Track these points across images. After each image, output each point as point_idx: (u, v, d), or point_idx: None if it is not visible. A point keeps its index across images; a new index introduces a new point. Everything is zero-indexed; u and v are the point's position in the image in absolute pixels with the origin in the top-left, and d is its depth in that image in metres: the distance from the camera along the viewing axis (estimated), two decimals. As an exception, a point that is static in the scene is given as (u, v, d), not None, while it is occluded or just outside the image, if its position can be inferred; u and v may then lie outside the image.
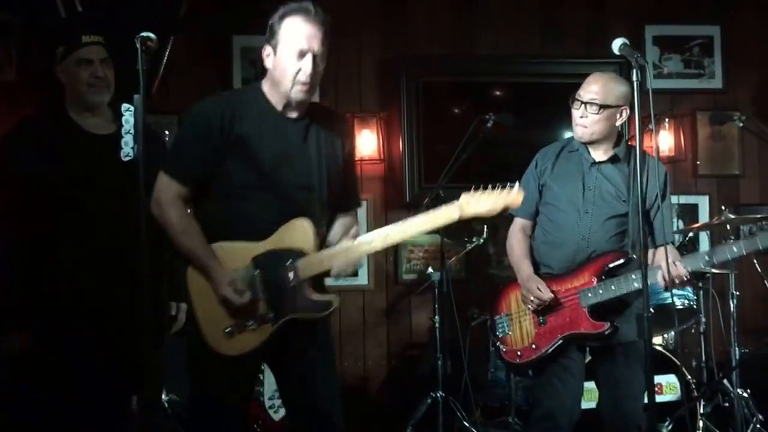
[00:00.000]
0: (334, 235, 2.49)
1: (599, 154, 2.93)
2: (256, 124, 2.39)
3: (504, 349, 3.00)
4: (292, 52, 2.32)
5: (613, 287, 2.78)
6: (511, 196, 2.39)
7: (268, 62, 2.39)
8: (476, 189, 2.38)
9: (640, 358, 2.87)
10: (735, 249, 2.69)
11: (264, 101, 2.42)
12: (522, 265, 2.99)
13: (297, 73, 2.32)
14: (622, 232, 2.88)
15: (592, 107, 2.83)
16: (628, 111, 2.89)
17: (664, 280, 2.70)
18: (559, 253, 2.92)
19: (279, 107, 2.41)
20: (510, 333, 2.99)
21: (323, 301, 2.41)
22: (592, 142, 2.92)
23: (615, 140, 2.95)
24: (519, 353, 2.94)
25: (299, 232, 2.38)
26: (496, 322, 3.04)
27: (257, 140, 2.38)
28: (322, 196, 2.46)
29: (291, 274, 2.36)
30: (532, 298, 2.87)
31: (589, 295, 2.81)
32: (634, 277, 2.74)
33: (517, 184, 2.43)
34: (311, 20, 2.33)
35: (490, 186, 2.39)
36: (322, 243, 2.43)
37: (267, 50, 2.39)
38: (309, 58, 2.32)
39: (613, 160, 2.93)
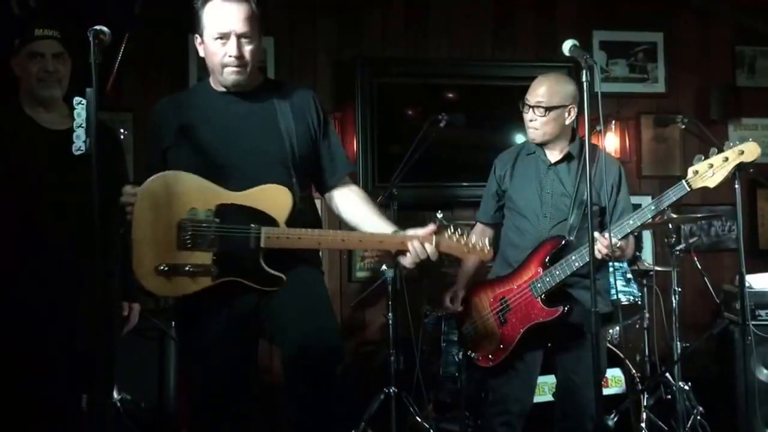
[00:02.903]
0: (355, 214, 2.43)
1: (555, 154, 3.01)
2: (202, 109, 2.35)
3: (477, 357, 3.04)
4: (214, 37, 2.28)
5: (557, 272, 2.86)
6: (484, 253, 2.38)
7: (201, 51, 2.36)
8: (453, 233, 2.33)
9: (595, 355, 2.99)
10: (653, 207, 2.74)
11: (210, 89, 2.39)
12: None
13: (223, 57, 2.27)
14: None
15: (539, 110, 2.92)
16: (576, 109, 2.96)
17: (600, 252, 2.72)
18: (523, 255, 2.99)
19: (224, 90, 2.37)
20: (477, 338, 3.04)
21: (273, 276, 2.22)
22: (545, 143, 3.00)
23: (569, 138, 3.02)
24: (491, 357, 2.99)
25: (276, 198, 2.25)
26: (465, 332, 3.10)
27: (204, 123, 2.32)
28: (287, 165, 2.31)
29: (252, 238, 2.21)
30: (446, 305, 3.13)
31: (539, 285, 2.90)
32: (573, 258, 2.83)
33: (489, 247, 2.41)
34: (230, 0, 2.27)
35: (464, 235, 2.35)
36: (295, 220, 2.27)
37: (198, 39, 2.35)
38: (233, 40, 2.26)
39: (567, 158, 3.00)
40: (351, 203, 2.48)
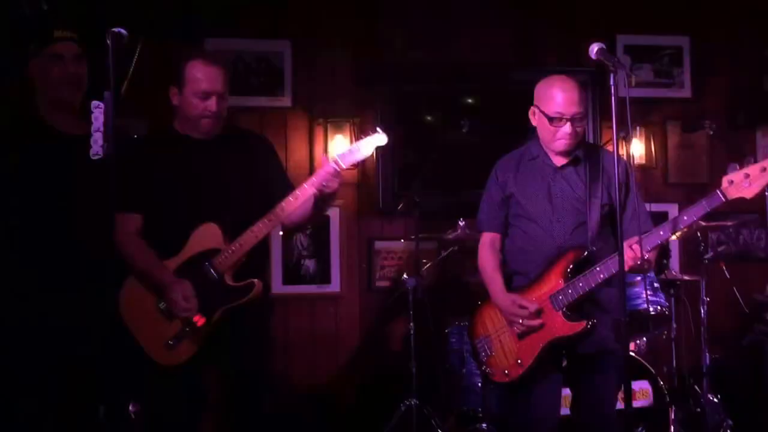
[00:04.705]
0: None
1: (559, 158, 2.89)
2: (165, 152, 2.71)
3: (492, 372, 2.90)
4: (197, 94, 2.63)
5: (581, 284, 2.74)
6: (377, 137, 2.61)
7: (176, 100, 2.70)
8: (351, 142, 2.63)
9: (616, 365, 2.87)
10: (686, 217, 2.64)
11: (174, 133, 2.75)
12: (494, 285, 2.90)
13: (203, 111, 2.65)
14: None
15: (581, 120, 2.80)
16: None
17: (626, 264, 2.58)
18: (536, 262, 2.86)
19: (189, 135, 2.73)
20: (493, 354, 2.90)
21: (245, 285, 2.61)
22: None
23: None
24: (506, 372, 2.85)
25: (207, 234, 2.64)
26: (477, 346, 2.95)
27: (167, 165, 2.68)
28: (229, 206, 2.67)
29: (211, 272, 2.61)
30: (521, 321, 2.79)
31: (560, 297, 2.77)
32: (598, 269, 2.71)
33: (378, 129, 2.65)
34: (212, 64, 2.67)
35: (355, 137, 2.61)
36: (233, 237, 2.64)
37: (174, 90, 2.69)
38: (213, 98, 2.64)
39: (575, 162, 2.89)
40: None
